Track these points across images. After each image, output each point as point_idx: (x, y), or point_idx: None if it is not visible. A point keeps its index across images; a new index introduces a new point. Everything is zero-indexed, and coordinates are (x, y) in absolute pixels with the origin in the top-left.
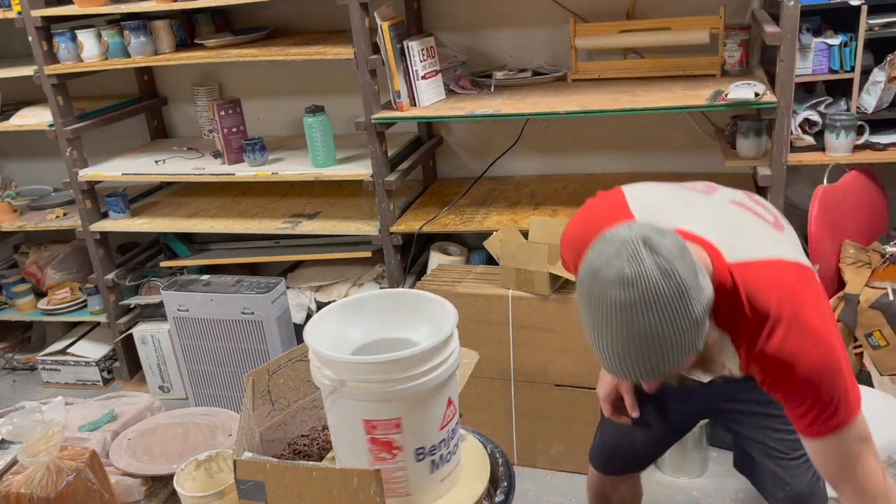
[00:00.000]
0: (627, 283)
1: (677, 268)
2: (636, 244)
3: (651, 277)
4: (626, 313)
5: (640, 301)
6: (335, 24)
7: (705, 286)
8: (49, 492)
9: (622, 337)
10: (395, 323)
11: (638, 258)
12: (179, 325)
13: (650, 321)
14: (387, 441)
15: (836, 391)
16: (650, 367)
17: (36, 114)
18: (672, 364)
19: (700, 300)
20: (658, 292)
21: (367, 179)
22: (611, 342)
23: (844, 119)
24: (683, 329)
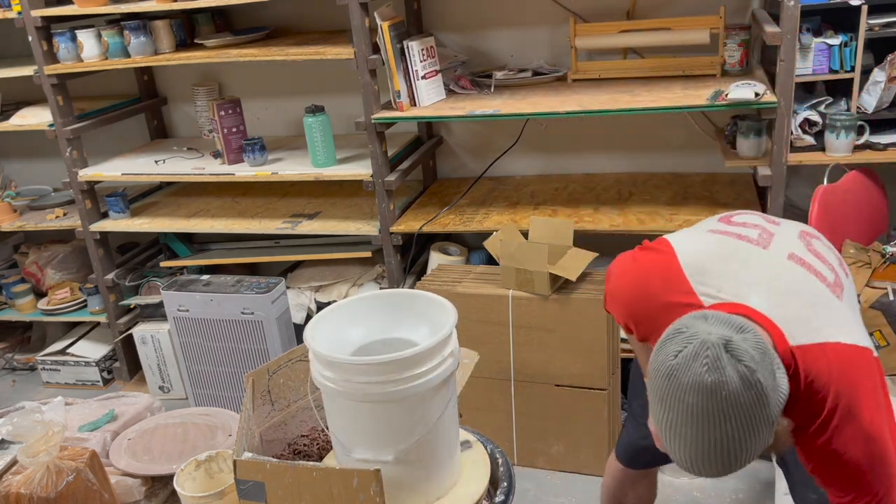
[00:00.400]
0: (708, 391)
1: (759, 377)
2: (717, 350)
3: (732, 388)
4: (704, 421)
5: (720, 411)
6: (335, 24)
7: (782, 385)
8: (49, 492)
9: (697, 442)
10: (395, 323)
11: (719, 367)
12: (179, 325)
13: (728, 430)
14: None
15: (881, 483)
16: (723, 469)
17: (36, 114)
18: (744, 463)
19: (778, 401)
20: (738, 403)
21: (367, 179)
22: (685, 444)
23: (844, 119)
24: (760, 433)
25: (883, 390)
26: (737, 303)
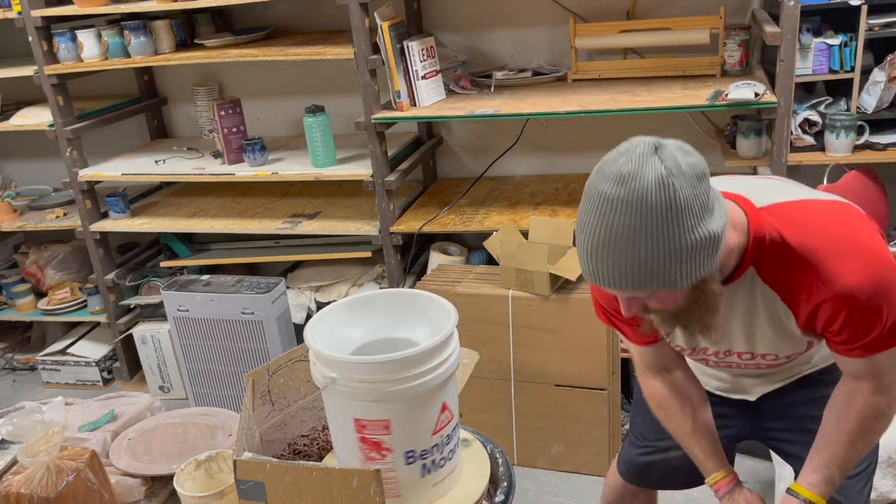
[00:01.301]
0: (621, 179)
1: (675, 184)
2: (645, 148)
3: (644, 182)
4: (607, 208)
5: (625, 201)
6: (335, 24)
7: (713, 229)
8: (49, 492)
9: (597, 232)
10: (395, 323)
11: (641, 162)
12: (179, 325)
13: (625, 223)
14: (376, 441)
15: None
16: (613, 273)
17: (36, 114)
18: (637, 281)
19: (694, 231)
20: (645, 199)
21: (367, 179)
22: (586, 237)
23: (844, 119)
24: (661, 249)
25: (869, 223)
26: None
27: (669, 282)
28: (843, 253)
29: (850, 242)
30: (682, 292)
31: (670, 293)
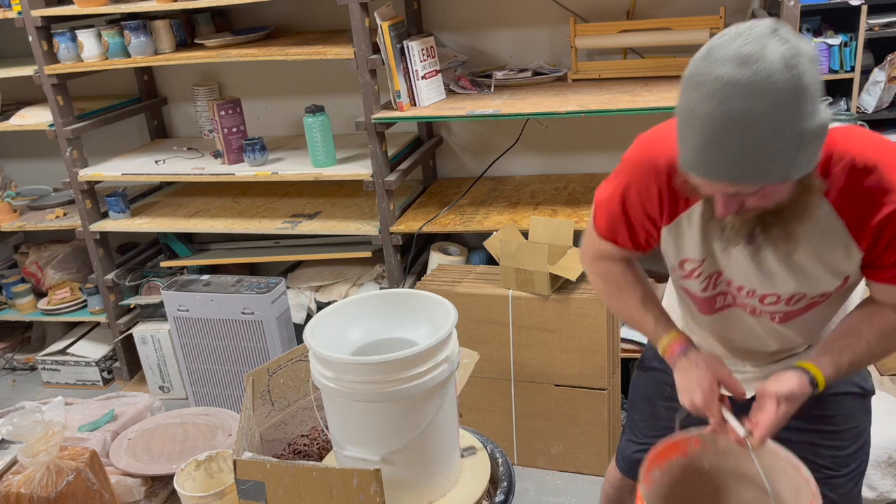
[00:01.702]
0: (742, 60)
1: (800, 65)
2: (764, 30)
3: (769, 63)
4: (726, 92)
5: (748, 83)
6: (335, 24)
7: (826, 118)
8: (49, 492)
9: (714, 119)
10: (395, 323)
11: (761, 42)
12: (179, 325)
13: (749, 107)
14: None
15: None
16: (730, 163)
17: (36, 114)
18: (753, 171)
19: (813, 117)
20: (771, 80)
21: (367, 179)
22: (700, 126)
23: (844, 119)
24: (784, 135)
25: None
26: None
27: (785, 171)
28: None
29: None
30: (787, 187)
31: (776, 187)
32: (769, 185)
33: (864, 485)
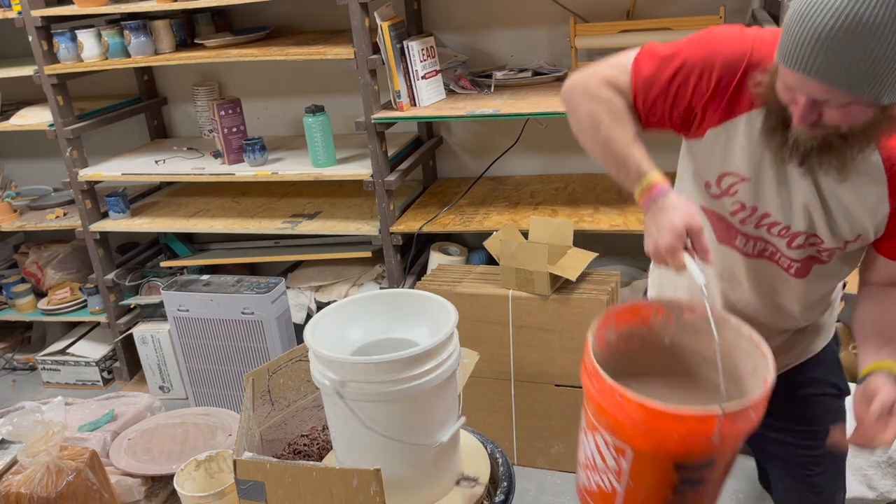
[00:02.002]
0: None
1: None
2: None
3: None
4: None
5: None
6: (335, 24)
7: None
8: (49, 492)
9: (840, 17)
10: (395, 323)
11: None
12: (179, 325)
13: (883, 16)
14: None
15: None
16: (839, 64)
17: (36, 114)
18: (858, 80)
19: None
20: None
21: (367, 179)
22: (824, 19)
23: None
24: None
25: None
26: None
27: (884, 90)
28: None
29: None
30: (870, 112)
31: (864, 108)
32: (863, 100)
33: (864, 485)
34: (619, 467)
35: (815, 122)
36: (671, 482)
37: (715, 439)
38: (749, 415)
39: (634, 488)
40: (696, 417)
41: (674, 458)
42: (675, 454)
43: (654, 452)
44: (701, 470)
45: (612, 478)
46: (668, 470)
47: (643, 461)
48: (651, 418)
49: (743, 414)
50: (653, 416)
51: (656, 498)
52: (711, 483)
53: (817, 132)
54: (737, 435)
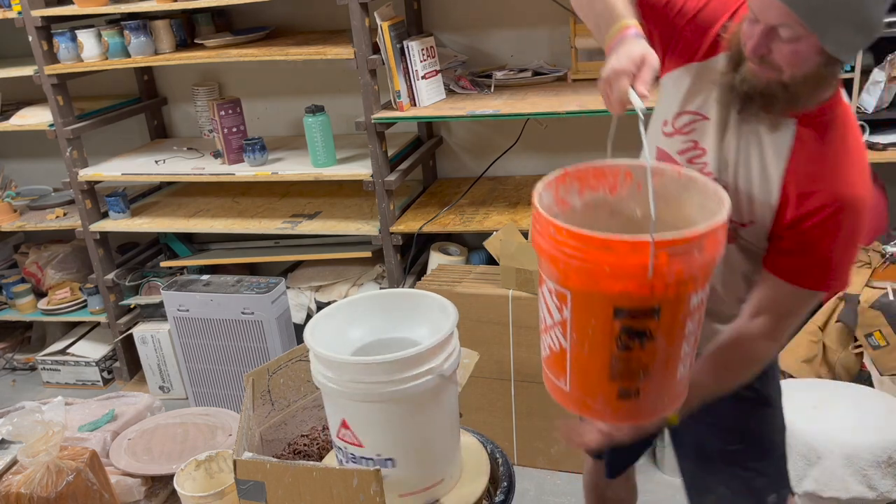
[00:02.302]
0: None
1: None
2: None
3: None
4: None
5: None
6: (335, 24)
7: (883, 26)
8: (49, 492)
9: None
10: (395, 323)
11: None
12: (179, 325)
13: None
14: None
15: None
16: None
17: (36, 114)
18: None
19: (882, 17)
20: None
21: (367, 179)
22: None
23: None
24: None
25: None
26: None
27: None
28: (862, 169)
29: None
30: (814, 61)
31: (810, 54)
32: (811, 38)
33: (864, 485)
34: (562, 317)
35: (765, 56)
36: (613, 331)
37: (649, 274)
38: (691, 253)
39: (578, 341)
40: (626, 244)
41: (611, 300)
42: (611, 293)
43: (589, 292)
44: (643, 318)
45: (558, 333)
46: (607, 315)
47: (581, 305)
48: (582, 249)
49: (681, 250)
50: (583, 245)
51: (600, 352)
52: (661, 340)
53: (764, 71)
54: (678, 276)
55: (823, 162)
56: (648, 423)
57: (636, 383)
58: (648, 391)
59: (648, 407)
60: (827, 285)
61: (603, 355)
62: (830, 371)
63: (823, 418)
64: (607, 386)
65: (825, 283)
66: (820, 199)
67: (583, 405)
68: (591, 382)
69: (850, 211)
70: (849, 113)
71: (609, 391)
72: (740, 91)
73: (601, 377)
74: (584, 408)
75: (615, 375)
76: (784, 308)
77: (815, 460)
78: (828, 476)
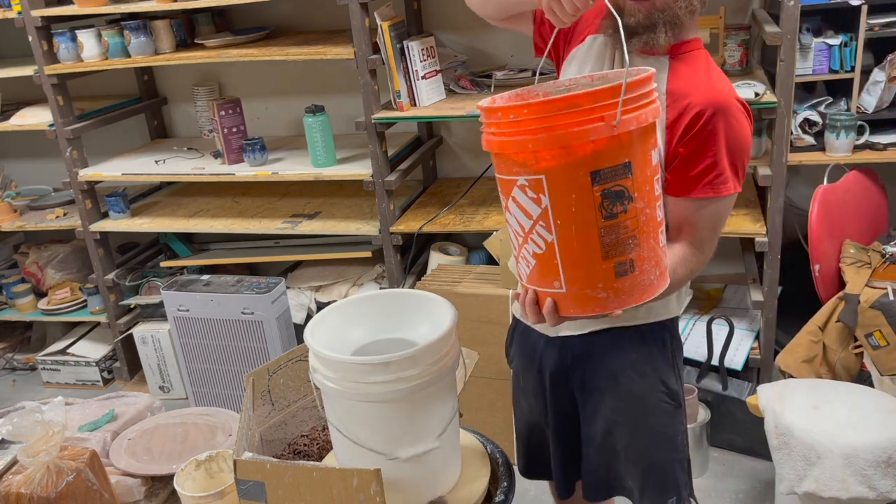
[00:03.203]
0: None
1: None
2: None
3: None
4: None
5: None
6: (335, 24)
7: None
8: (49, 492)
9: None
10: (395, 323)
11: None
12: (179, 325)
13: None
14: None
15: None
16: None
17: (36, 114)
18: None
19: None
20: None
21: (367, 179)
22: None
23: (844, 119)
24: None
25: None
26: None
27: None
28: (728, 84)
29: (726, 80)
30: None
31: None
32: None
33: (864, 485)
34: (541, 208)
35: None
36: (595, 200)
37: (617, 120)
38: (640, 101)
39: (564, 225)
40: (589, 95)
41: (586, 165)
42: (585, 156)
43: (563, 164)
44: (619, 177)
45: (541, 230)
46: (586, 184)
47: (559, 183)
48: (548, 118)
49: (634, 94)
50: (548, 112)
51: (588, 229)
52: (639, 200)
53: (640, 3)
54: (638, 121)
55: (694, 79)
56: (650, 298)
57: (629, 254)
58: (642, 262)
59: (644, 282)
60: (718, 189)
61: (591, 232)
62: (830, 371)
63: (823, 418)
64: (603, 266)
65: (719, 188)
66: (695, 107)
67: (584, 300)
68: (587, 268)
69: (724, 113)
70: (710, 57)
71: (607, 272)
72: (627, 28)
73: (595, 258)
74: (586, 301)
75: (608, 251)
76: (697, 220)
77: (815, 460)
78: (828, 476)
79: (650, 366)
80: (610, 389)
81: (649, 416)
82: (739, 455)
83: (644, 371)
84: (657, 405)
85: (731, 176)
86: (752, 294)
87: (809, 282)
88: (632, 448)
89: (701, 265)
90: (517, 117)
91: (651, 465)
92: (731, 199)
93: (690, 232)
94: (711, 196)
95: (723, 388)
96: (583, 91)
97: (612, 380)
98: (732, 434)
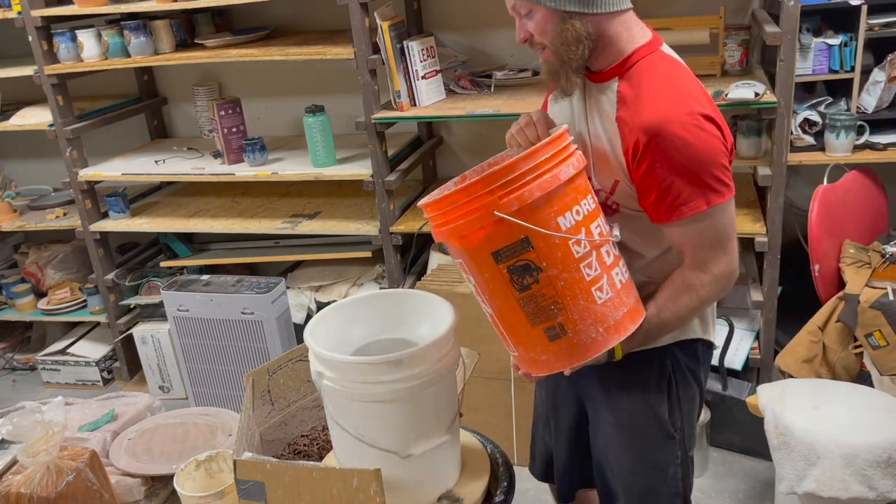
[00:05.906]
0: None
1: None
2: None
3: None
4: None
5: None
6: (335, 24)
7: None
8: (49, 492)
9: None
10: (395, 323)
11: None
12: (179, 325)
13: None
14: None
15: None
16: None
17: (36, 114)
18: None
19: None
20: None
21: (367, 179)
22: None
23: (844, 119)
24: None
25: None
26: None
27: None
28: (674, 98)
29: (675, 90)
30: (551, 19)
31: (543, 15)
32: (539, 9)
33: (864, 485)
34: (473, 285)
35: (529, 40)
36: (504, 276)
37: (494, 211)
38: (523, 179)
39: (491, 299)
40: (461, 192)
41: (484, 248)
42: (479, 243)
43: (467, 249)
44: (518, 252)
45: (483, 306)
46: (492, 264)
47: (472, 266)
48: (440, 216)
49: (509, 178)
50: (438, 211)
51: (509, 301)
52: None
53: (541, 52)
54: (520, 201)
55: (637, 101)
56: (593, 358)
57: (555, 318)
58: (573, 323)
59: (585, 341)
60: (682, 212)
61: (513, 304)
62: (830, 371)
63: (823, 418)
64: (534, 333)
65: (681, 209)
66: (634, 135)
67: (532, 362)
68: (523, 336)
69: (660, 136)
70: (657, 59)
71: (539, 337)
72: (547, 75)
73: (525, 326)
74: (535, 363)
75: (533, 319)
76: (687, 241)
77: (815, 460)
78: (828, 476)
79: (640, 389)
80: (605, 402)
81: (635, 439)
82: (739, 455)
83: (633, 393)
84: (643, 430)
85: (694, 193)
86: (752, 294)
87: (809, 282)
88: (618, 465)
89: (716, 283)
90: (429, 213)
91: (633, 486)
92: (715, 211)
93: (688, 254)
94: (677, 220)
95: (723, 388)
96: (456, 189)
97: (606, 393)
98: (732, 434)
